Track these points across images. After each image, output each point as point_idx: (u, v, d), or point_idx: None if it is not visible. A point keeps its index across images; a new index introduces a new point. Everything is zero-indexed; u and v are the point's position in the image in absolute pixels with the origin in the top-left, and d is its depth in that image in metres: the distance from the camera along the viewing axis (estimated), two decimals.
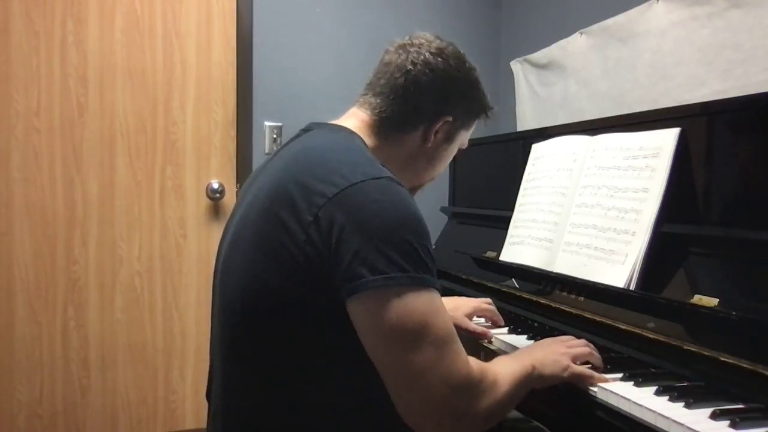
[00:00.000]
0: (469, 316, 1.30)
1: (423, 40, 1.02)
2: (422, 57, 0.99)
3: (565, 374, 0.96)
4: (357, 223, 0.79)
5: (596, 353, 1.02)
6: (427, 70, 0.99)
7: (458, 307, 1.30)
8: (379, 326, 0.79)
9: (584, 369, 0.98)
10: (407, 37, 1.03)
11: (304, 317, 0.84)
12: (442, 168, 1.11)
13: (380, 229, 0.79)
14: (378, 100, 1.00)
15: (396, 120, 1.00)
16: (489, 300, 1.36)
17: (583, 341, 1.04)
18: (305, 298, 0.83)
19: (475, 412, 0.81)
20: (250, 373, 0.90)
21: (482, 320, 1.36)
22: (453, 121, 1.04)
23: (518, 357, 0.96)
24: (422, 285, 0.80)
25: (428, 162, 1.07)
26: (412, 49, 1.00)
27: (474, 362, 0.83)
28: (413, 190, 1.11)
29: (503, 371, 0.88)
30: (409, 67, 0.99)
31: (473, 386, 0.81)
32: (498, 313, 1.34)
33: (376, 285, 0.78)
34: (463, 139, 1.11)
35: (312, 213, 0.81)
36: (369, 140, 0.99)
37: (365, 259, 0.78)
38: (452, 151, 1.10)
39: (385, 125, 1.00)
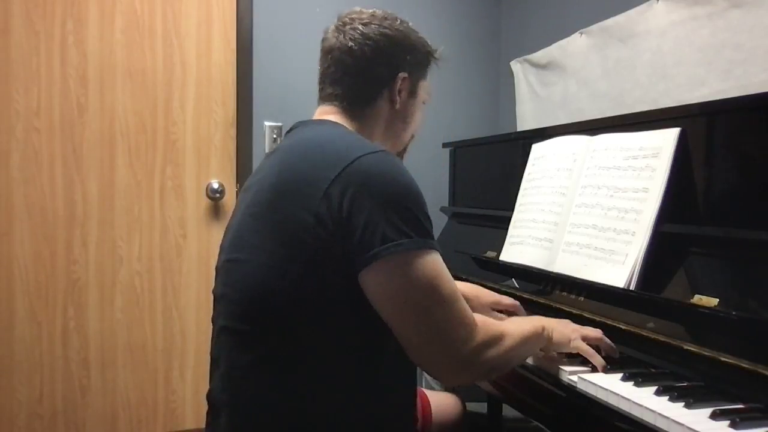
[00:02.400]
0: (491, 307, 1.35)
1: (353, 15, 1.08)
2: (358, 31, 1.05)
3: (571, 344, 1.03)
4: (364, 196, 0.85)
5: (607, 340, 1.06)
6: (368, 41, 1.05)
7: (479, 296, 1.37)
8: (392, 292, 0.85)
9: (589, 347, 1.03)
10: (337, 18, 1.10)
11: (320, 303, 0.87)
12: (417, 125, 1.17)
13: (385, 200, 0.85)
14: (337, 88, 1.06)
15: (360, 98, 1.06)
16: (515, 302, 1.37)
17: (597, 330, 1.08)
18: (322, 283, 0.86)
19: (482, 360, 0.88)
20: (259, 365, 0.91)
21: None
22: (409, 76, 1.09)
23: (531, 318, 1.07)
24: (426, 248, 0.86)
25: (403, 122, 1.13)
26: (346, 28, 1.06)
27: (480, 318, 0.91)
28: (399, 154, 1.17)
29: (512, 327, 0.96)
30: (350, 44, 1.05)
31: (479, 337, 0.88)
32: (522, 309, 1.35)
33: (387, 253, 0.83)
34: (425, 90, 1.16)
35: (318, 196, 0.86)
36: (348, 126, 1.04)
37: (375, 231, 0.83)
38: (419, 104, 1.15)
39: (353, 107, 1.06)
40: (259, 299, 0.89)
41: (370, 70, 1.05)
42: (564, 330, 1.05)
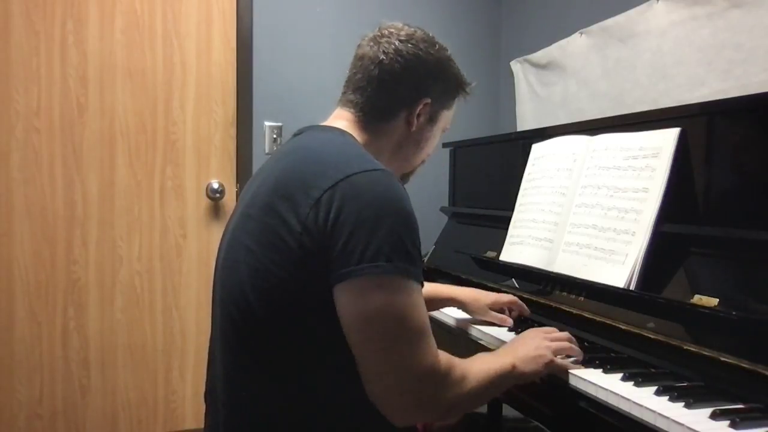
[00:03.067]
0: (490, 307, 1.35)
1: (393, 29, 1.06)
2: (393, 46, 1.03)
3: (546, 370, 0.99)
4: (350, 213, 0.82)
5: (576, 346, 1.05)
6: (399, 58, 1.03)
7: (478, 299, 1.36)
8: (358, 313, 0.82)
9: (563, 363, 1.02)
10: (377, 29, 1.07)
11: (306, 308, 0.86)
12: (430, 151, 1.15)
13: (371, 219, 0.82)
14: (358, 96, 1.04)
15: (378, 111, 1.04)
16: (514, 298, 1.38)
17: (565, 334, 1.07)
18: (306, 290, 0.85)
19: (438, 401, 0.85)
20: (254, 366, 0.91)
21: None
22: (433, 102, 1.07)
23: (499, 354, 0.99)
24: (405, 275, 0.83)
25: (416, 146, 1.10)
26: (382, 40, 1.04)
27: (444, 357, 0.87)
28: (406, 176, 1.15)
29: (476, 368, 0.91)
30: (382, 57, 1.02)
31: (438, 378, 0.84)
32: (524, 306, 1.36)
33: (361, 273, 0.81)
34: (446, 119, 1.14)
35: (309, 205, 0.85)
36: (358, 137, 1.03)
37: (355, 248, 0.81)
38: (437, 132, 1.13)
39: (369, 119, 1.04)
40: (252, 301, 0.89)
41: (394, 87, 1.03)
42: (536, 355, 0.98)
